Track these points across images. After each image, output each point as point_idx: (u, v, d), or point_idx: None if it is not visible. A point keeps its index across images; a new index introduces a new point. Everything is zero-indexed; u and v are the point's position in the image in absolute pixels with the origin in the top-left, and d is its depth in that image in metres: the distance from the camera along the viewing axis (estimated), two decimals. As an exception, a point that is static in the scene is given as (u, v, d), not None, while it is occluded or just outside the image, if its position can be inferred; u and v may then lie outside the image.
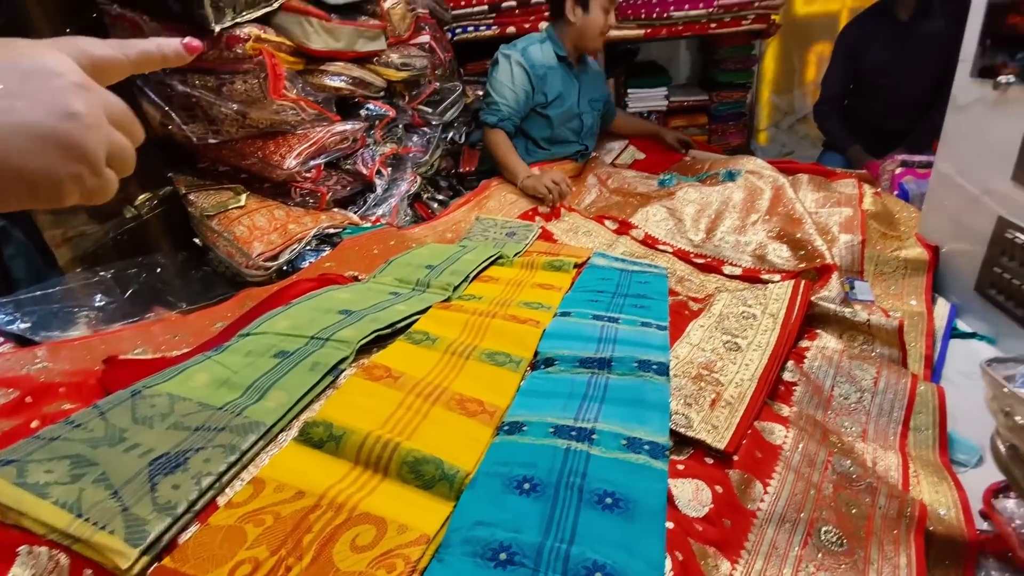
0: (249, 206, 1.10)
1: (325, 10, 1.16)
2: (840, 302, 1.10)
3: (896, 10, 2.03)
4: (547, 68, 1.73)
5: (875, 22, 2.10)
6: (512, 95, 1.71)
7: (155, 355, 0.76)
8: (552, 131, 1.83)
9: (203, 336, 0.82)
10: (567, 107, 1.80)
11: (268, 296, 0.88)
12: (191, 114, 1.07)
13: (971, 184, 1.14)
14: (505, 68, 1.71)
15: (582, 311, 0.93)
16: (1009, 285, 1.03)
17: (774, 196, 1.53)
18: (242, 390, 0.61)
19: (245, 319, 0.84)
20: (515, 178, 1.66)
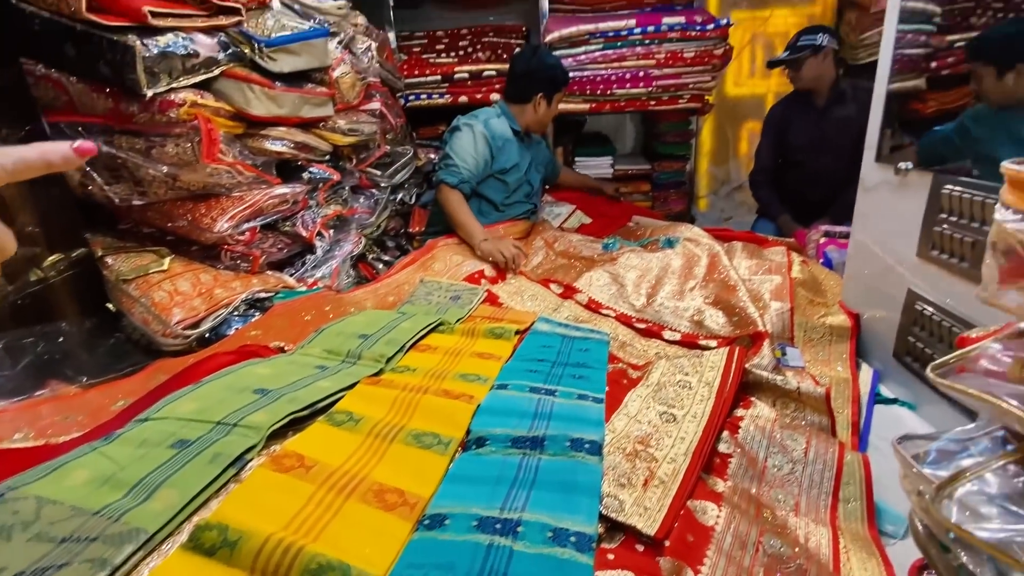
0: (172, 270, 1.04)
1: (269, 78, 1.16)
2: (772, 369, 1.13)
3: (814, 97, 2.26)
4: (504, 139, 1.89)
5: (797, 105, 2.32)
6: (473, 161, 1.81)
7: (36, 442, 0.68)
8: (507, 194, 1.96)
9: (99, 417, 0.74)
10: (520, 174, 1.96)
11: (181, 371, 0.81)
12: (115, 175, 1.02)
13: (884, 255, 1.23)
14: (468, 136, 1.83)
15: (519, 383, 0.91)
16: (923, 354, 1.09)
17: (710, 263, 1.61)
18: (127, 489, 0.54)
19: (150, 398, 0.77)
20: (471, 238, 1.73)
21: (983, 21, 1.37)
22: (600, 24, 2.21)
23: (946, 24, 1.28)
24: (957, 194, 0.98)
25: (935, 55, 1.28)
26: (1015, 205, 0.47)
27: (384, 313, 1.11)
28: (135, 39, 0.91)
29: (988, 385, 0.49)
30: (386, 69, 1.95)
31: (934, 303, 1.05)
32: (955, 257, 0.99)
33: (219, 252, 1.12)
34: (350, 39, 1.57)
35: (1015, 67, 1.10)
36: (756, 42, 2.93)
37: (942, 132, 1.23)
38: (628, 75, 2.27)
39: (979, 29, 1.31)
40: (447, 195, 1.78)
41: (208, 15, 1.06)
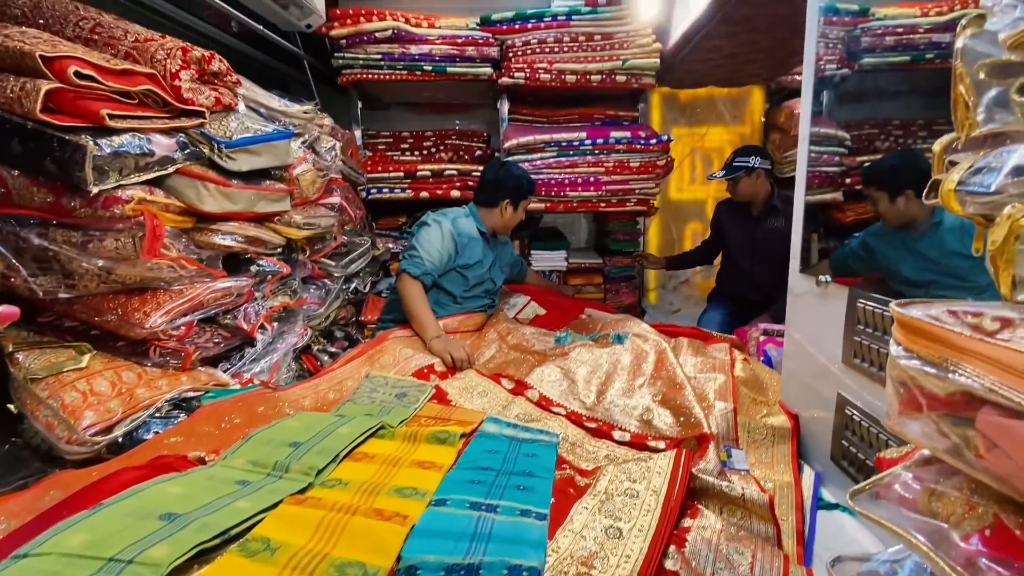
0: (91, 367, 0.97)
1: (226, 175, 1.18)
2: (718, 474, 1.13)
3: (749, 207, 2.48)
4: (470, 238, 2.00)
5: (735, 210, 2.55)
6: (438, 255, 1.88)
7: None
8: (466, 288, 2.02)
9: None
10: (483, 271, 2.06)
11: (80, 489, 0.73)
12: (43, 267, 0.98)
13: (817, 356, 1.29)
14: (436, 231, 1.91)
15: (459, 498, 0.86)
16: (856, 459, 1.12)
17: (658, 360, 1.65)
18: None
19: (39, 522, 0.68)
20: (424, 333, 1.75)
21: (886, 145, 1.59)
22: (554, 135, 2.42)
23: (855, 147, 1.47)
24: (870, 308, 1.07)
25: (848, 173, 1.46)
26: (904, 343, 0.51)
27: (321, 417, 1.05)
28: (88, 139, 0.92)
29: (900, 516, 0.50)
30: (349, 165, 2.03)
31: (861, 409, 1.10)
32: (874, 366, 1.06)
33: (147, 348, 1.07)
34: (315, 139, 1.64)
35: (904, 192, 1.25)
36: (695, 155, 3.25)
37: (850, 247, 1.37)
38: (580, 180, 2.45)
39: (884, 152, 1.52)
40: (407, 285, 1.81)
41: (170, 118, 1.10)
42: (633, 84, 2.44)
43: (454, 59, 2.34)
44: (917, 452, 0.58)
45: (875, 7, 1.40)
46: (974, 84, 0.49)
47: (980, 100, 0.49)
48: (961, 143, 0.53)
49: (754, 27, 2.03)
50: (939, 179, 0.53)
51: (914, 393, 0.50)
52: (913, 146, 1.55)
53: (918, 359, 0.49)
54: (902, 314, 0.51)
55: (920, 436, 0.49)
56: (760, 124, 3.20)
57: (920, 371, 0.49)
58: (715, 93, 3.14)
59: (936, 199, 0.52)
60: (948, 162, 0.55)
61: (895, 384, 0.54)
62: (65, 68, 0.91)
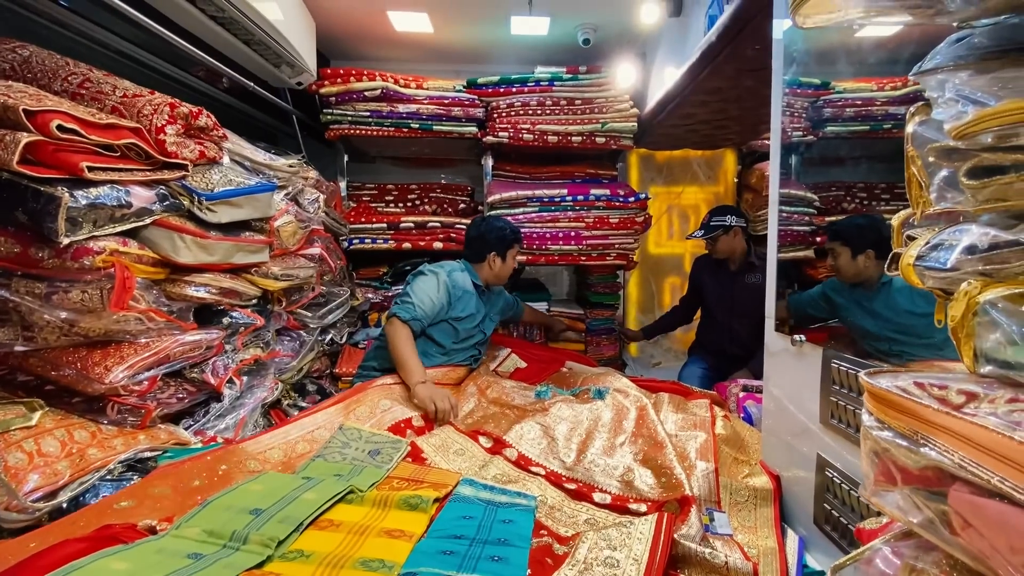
0: (41, 426, 0.92)
1: (204, 227, 1.18)
2: (700, 538, 1.09)
3: (727, 263, 2.55)
4: (464, 291, 2.01)
5: (712, 265, 2.61)
6: (430, 304, 1.88)
7: None
8: (455, 340, 2.01)
9: None
10: (474, 324, 2.06)
11: (15, 565, 0.67)
12: (1, 318, 0.94)
13: (797, 415, 1.28)
14: (432, 281, 1.94)
15: (429, 571, 0.81)
16: (839, 523, 1.09)
17: (639, 417, 1.62)
18: None
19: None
20: (409, 377, 1.72)
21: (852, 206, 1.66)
22: (536, 191, 2.48)
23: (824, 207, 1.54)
24: (844, 369, 1.08)
25: (818, 232, 1.51)
26: (875, 414, 0.51)
27: (286, 479, 1.00)
28: (64, 190, 0.91)
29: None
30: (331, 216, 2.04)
31: (841, 470, 1.08)
32: (851, 427, 1.06)
33: (105, 404, 1.01)
34: (298, 191, 1.66)
35: (865, 252, 1.31)
36: (672, 212, 3.37)
37: (809, 295, 1.41)
38: (561, 234, 2.50)
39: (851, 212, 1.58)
40: (396, 329, 1.79)
41: (152, 170, 1.10)
42: (612, 145, 2.54)
43: (441, 118, 2.43)
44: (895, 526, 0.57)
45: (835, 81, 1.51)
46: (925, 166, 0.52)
47: (932, 181, 0.52)
48: (917, 219, 0.55)
49: (724, 97, 2.16)
50: (899, 252, 0.55)
51: (888, 465, 0.50)
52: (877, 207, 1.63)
53: (890, 430, 0.49)
54: (872, 384, 0.51)
55: (896, 510, 0.48)
56: (733, 184, 3.35)
57: (892, 443, 0.49)
58: (690, 154, 3.30)
59: (897, 271, 0.54)
60: (906, 236, 0.57)
61: (869, 455, 0.54)
62: (48, 122, 0.92)
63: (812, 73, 1.34)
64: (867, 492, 0.55)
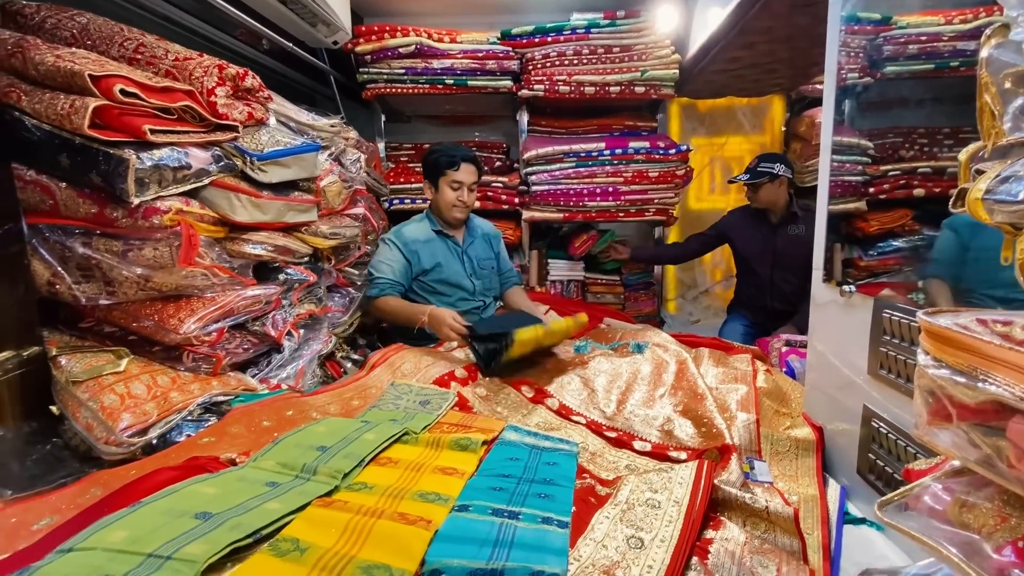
0: (128, 371, 1.01)
1: (257, 187, 1.23)
2: (740, 485, 1.11)
3: (768, 214, 2.46)
4: (422, 242, 1.92)
5: (751, 218, 2.52)
6: (389, 268, 1.85)
7: (-62, 573, 0.61)
8: (447, 296, 1.96)
9: (17, 539, 0.68)
10: (448, 274, 1.97)
11: (119, 489, 0.76)
12: (86, 274, 1.03)
13: (842, 368, 1.27)
14: (382, 249, 1.90)
15: (482, 504, 0.87)
16: (884, 472, 1.09)
17: (678, 370, 1.63)
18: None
19: (82, 517, 0.71)
20: (417, 318, 1.72)
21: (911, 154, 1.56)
22: (573, 145, 2.44)
23: (879, 156, 1.45)
24: (896, 319, 1.05)
25: (872, 182, 1.44)
26: (932, 353, 0.51)
27: (346, 422, 1.08)
28: (131, 152, 0.97)
29: (930, 527, 0.50)
30: (372, 177, 2.07)
31: (888, 421, 1.07)
32: (901, 378, 1.04)
33: (181, 353, 1.10)
34: (341, 151, 1.69)
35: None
36: (714, 164, 3.24)
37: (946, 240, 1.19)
38: (599, 190, 2.46)
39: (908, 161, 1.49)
40: (377, 306, 1.78)
41: (206, 132, 1.14)
42: (652, 95, 2.45)
43: (475, 72, 2.39)
44: (947, 463, 0.57)
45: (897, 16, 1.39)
46: (1000, 94, 0.49)
47: (1006, 109, 0.49)
48: (988, 152, 0.53)
49: (774, 38, 2.03)
50: (966, 188, 0.53)
51: (943, 403, 0.50)
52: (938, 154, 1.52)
53: (947, 368, 0.49)
54: (930, 323, 0.51)
55: (950, 446, 0.48)
56: (780, 133, 3.18)
57: (949, 380, 0.48)
58: (735, 103, 3.14)
59: (963, 208, 0.52)
60: (975, 171, 0.55)
61: (923, 394, 0.54)
62: (111, 86, 0.97)
63: (872, 7, 1.24)
64: (919, 432, 0.55)
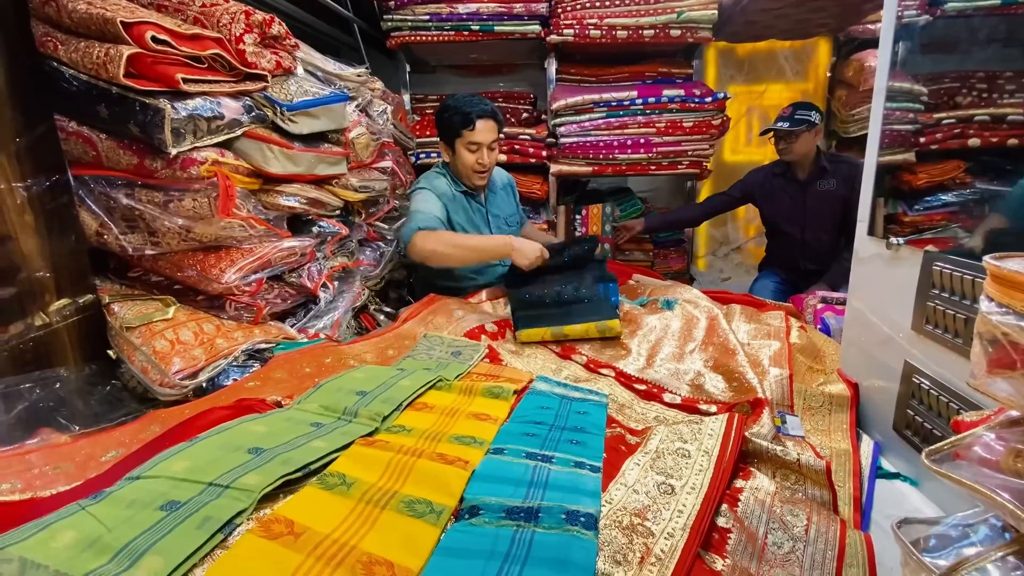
0: (176, 319, 1.06)
1: (288, 138, 1.22)
2: (772, 438, 1.11)
3: (795, 170, 2.34)
4: (450, 199, 1.79)
5: (778, 178, 2.41)
6: (434, 207, 1.70)
7: (23, 495, 0.67)
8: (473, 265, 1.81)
9: (87, 469, 0.73)
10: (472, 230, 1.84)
11: (176, 425, 0.81)
12: (131, 225, 1.06)
13: (881, 325, 1.23)
14: (420, 194, 1.75)
15: (516, 448, 0.90)
16: (922, 428, 1.07)
17: (709, 326, 1.62)
18: (112, 554, 0.53)
19: (144, 451, 0.76)
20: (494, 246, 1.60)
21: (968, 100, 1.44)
22: (604, 94, 2.34)
23: (933, 103, 1.35)
24: (948, 272, 1.01)
25: (923, 131, 1.35)
26: (998, 298, 0.49)
27: (383, 369, 1.11)
28: (166, 102, 0.97)
29: (981, 475, 0.49)
30: (399, 130, 2.04)
31: (931, 377, 1.05)
32: (949, 332, 1.00)
33: (224, 302, 1.14)
34: (367, 103, 1.66)
35: None
36: (752, 114, 3.08)
37: None
38: (629, 141, 2.38)
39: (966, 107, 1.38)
40: (426, 239, 1.56)
41: (236, 81, 1.14)
42: (688, 38, 2.31)
43: (502, 17, 2.29)
44: (1000, 414, 0.56)
45: (964, -56, 1.25)
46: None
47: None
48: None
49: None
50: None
51: (1007, 350, 0.48)
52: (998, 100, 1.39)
53: (1014, 314, 0.47)
54: (998, 267, 0.48)
55: (1012, 395, 0.47)
56: (825, 79, 2.99)
57: (1016, 327, 0.46)
58: (776, 47, 2.94)
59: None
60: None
61: (984, 342, 0.51)
62: (143, 33, 0.96)
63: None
64: (977, 382, 0.53)
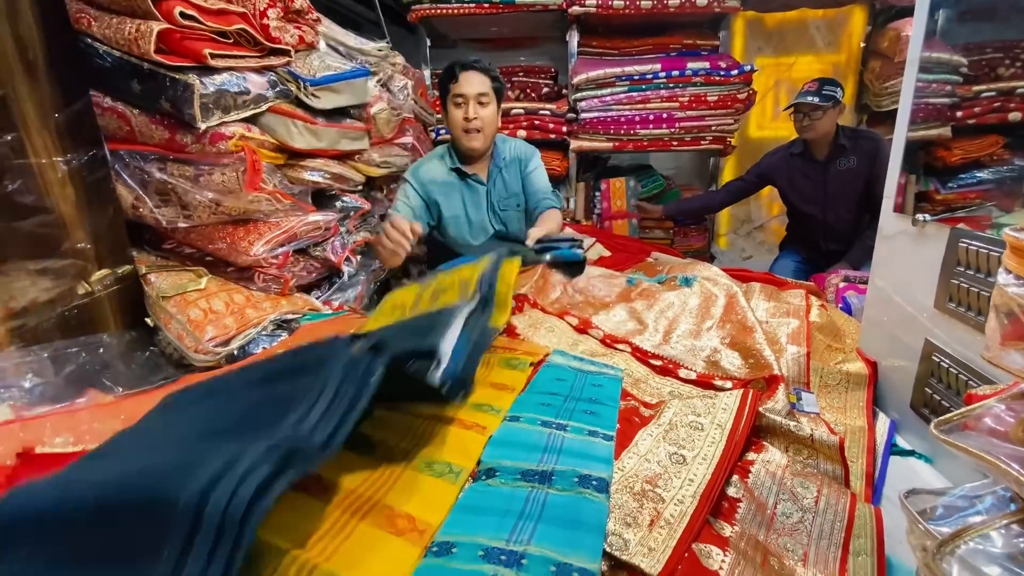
0: (208, 289, 1.11)
1: (311, 113, 1.25)
2: (786, 414, 1.12)
3: (812, 152, 2.27)
4: (437, 184, 1.64)
5: (796, 161, 2.33)
6: (408, 210, 1.59)
7: (75, 448, 0.73)
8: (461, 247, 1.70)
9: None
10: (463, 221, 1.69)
11: (211, 386, 0.86)
12: (164, 198, 1.10)
13: (903, 304, 1.22)
14: (399, 193, 1.63)
15: (531, 416, 0.93)
16: (940, 406, 1.07)
17: (728, 304, 1.61)
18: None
19: (182, 410, 0.81)
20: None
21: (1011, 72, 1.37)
22: (626, 68, 2.30)
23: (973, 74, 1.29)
24: (974, 249, 0.99)
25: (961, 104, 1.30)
26: (1016, 271, 0.49)
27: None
28: (195, 77, 1.00)
29: (990, 445, 0.50)
30: (419, 105, 2.05)
31: (951, 355, 1.04)
32: (972, 311, 0.99)
33: (253, 274, 1.19)
34: (388, 78, 1.67)
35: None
36: (779, 87, 2.99)
37: None
38: (652, 116, 2.34)
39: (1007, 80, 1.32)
40: None
41: (261, 56, 1.16)
42: (715, 8, 2.24)
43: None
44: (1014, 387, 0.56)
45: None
46: None
47: None
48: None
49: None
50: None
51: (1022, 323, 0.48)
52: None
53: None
54: (1017, 238, 0.48)
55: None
56: (858, 51, 2.86)
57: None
58: (807, 16, 2.83)
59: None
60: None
61: (999, 315, 0.52)
62: (171, 9, 0.98)
63: None
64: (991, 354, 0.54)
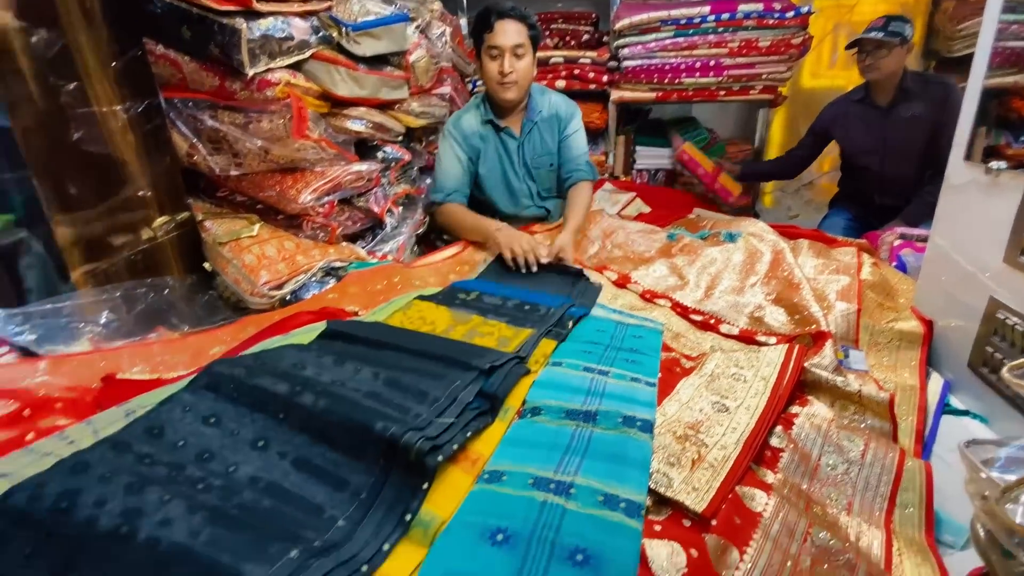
0: (261, 235, 1.15)
1: (353, 60, 1.24)
2: (833, 370, 1.09)
3: (875, 97, 2.10)
4: (477, 136, 1.60)
5: (856, 107, 2.17)
6: (453, 172, 1.57)
7: (151, 376, 0.78)
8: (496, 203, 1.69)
9: (200, 359, 0.84)
10: (498, 177, 1.65)
11: (268, 325, 0.90)
12: (216, 147, 1.13)
13: (965, 261, 1.16)
14: (443, 146, 1.59)
15: (574, 362, 0.94)
16: (1001, 365, 1.03)
17: (774, 260, 1.56)
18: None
19: (243, 347, 0.86)
20: (486, 235, 1.44)
21: None
22: (672, 11, 2.17)
23: None
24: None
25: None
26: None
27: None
28: (242, 22, 1.01)
29: (1068, 389, 0.48)
30: (457, 54, 2.00)
31: (1019, 312, 0.99)
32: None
33: (301, 222, 1.22)
34: (426, 24, 1.63)
35: None
36: (838, 32, 2.77)
37: None
38: (698, 64, 2.22)
39: None
40: (441, 216, 1.53)
41: (304, 1, 1.15)
42: (773, -58, 2.07)
43: (565, -74, 2.12)
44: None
45: None
46: None
47: None
48: None
49: None
50: None
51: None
52: None
53: None
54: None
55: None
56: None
57: None
58: (877, -50, 2.58)
59: None
60: None
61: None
62: (217, -48, 0.98)
63: None
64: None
